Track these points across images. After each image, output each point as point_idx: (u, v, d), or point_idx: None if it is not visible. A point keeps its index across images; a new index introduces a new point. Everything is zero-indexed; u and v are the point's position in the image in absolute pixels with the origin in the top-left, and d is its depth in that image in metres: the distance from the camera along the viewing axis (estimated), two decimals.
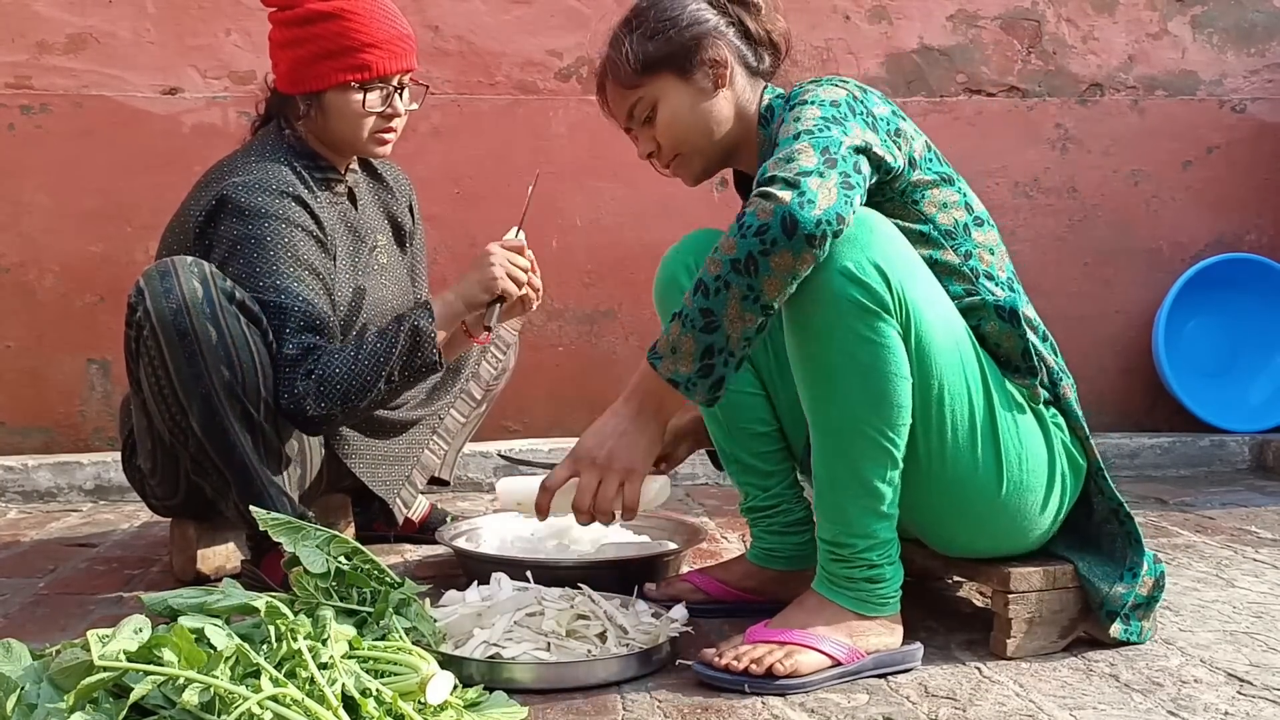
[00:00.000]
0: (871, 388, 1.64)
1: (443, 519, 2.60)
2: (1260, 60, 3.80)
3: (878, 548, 1.71)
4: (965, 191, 1.87)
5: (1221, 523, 2.79)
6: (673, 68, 1.86)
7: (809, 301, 1.64)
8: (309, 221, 2.15)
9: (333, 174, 2.26)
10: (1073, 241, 3.78)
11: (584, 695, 1.64)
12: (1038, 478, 1.76)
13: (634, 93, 1.89)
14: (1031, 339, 1.78)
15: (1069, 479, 1.81)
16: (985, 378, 1.73)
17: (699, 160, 1.91)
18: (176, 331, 2.00)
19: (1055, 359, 1.84)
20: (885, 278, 1.63)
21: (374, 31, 2.17)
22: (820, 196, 1.57)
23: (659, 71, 1.86)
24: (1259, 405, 3.74)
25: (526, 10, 3.58)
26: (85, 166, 3.43)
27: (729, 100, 1.88)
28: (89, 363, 3.43)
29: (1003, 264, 1.85)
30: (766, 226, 1.56)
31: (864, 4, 3.68)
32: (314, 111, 2.20)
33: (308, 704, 1.29)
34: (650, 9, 1.90)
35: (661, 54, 1.86)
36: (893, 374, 1.64)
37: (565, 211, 3.57)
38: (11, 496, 3.17)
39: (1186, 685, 1.67)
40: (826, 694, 1.65)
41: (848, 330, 1.63)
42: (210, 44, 3.47)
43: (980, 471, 1.72)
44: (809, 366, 1.68)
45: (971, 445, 1.71)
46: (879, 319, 1.63)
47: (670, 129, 1.88)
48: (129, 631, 1.32)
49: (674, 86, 1.87)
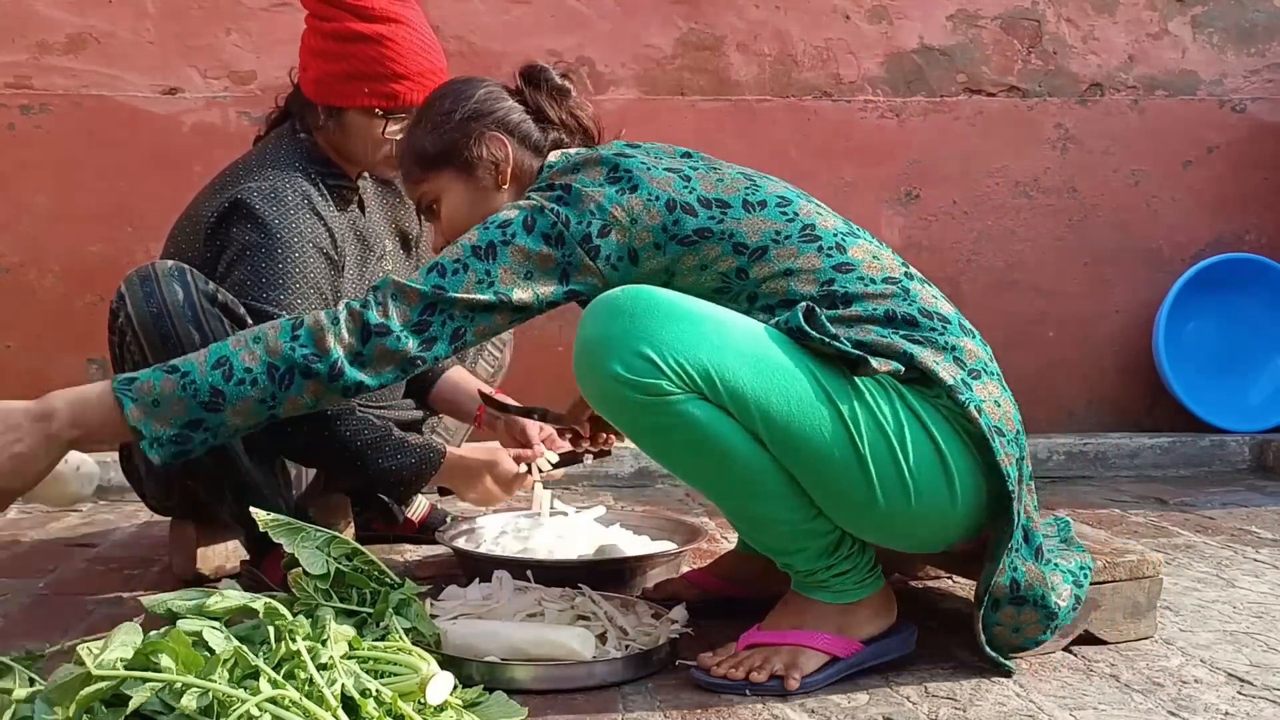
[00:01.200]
0: (711, 456, 1.58)
1: (442, 519, 2.60)
2: (1260, 60, 3.80)
3: (822, 554, 1.66)
4: (732, 231, 1.71)
5: (1222, 523, 2.79)
6: (451, 164, 1.86)
7: (608, 410, 1.62)
8: (323, 238, 2.15)
9: (345, 182, 2.26)
10: (1073, 241, 3.78)
11: (584, 695, 1.64)
12: (927, 480, 1.61)
13: (419, 185, 1.90)
14: (835, 334, 1.62)
15: (960, 451, 1.63)
16: (824, 389, 1.59)
17: None
18: (159, 336, 2.00)
19: (898, 334, 1.67)
20: (652, 361, 1.54)
21: (409, 63, 2.16)
22: (378, 365, 1.67)
23: (439, 168, 1.87)
24: (1259, 405, 3.74)
25: (526, 10, 3.58)
26: (85, 166, 3.43)
27: (512, 191, 1.88)
28: (89, 363, 3.43)
29: (810, 276, 1.69)
30: (319, 357, 1.64)
31: (864, 4, 3.68)
32: (332, 125, 2.19)
33: (306, 705, 1.28)
34: (439, 99, 1.91)
35: (439, 149, 1.86)
36: (720, 434, 1.57)
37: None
38: None
39: (1187, 685, 1.67)
40: (826, 694, 1.65)
41: (654, 426, 1.58)
42: (210, 44, 3.47)
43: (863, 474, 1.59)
44: (670, 466, 1.69)
45: (843, 454, 1.59)
46: (668, 398, 1.55)
47: (452, 222, 1.87)
48: (121, 639, 1.32)
49: (455, 182, 1.87)
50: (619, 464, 3.37)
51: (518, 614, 1.84)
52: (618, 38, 3.64)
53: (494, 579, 1.96)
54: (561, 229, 1.71)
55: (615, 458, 3.37)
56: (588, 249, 1.71)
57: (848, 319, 1.67)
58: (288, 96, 2.29)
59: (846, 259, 1.71)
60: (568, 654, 1.67)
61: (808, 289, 1.69)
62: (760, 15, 3.66)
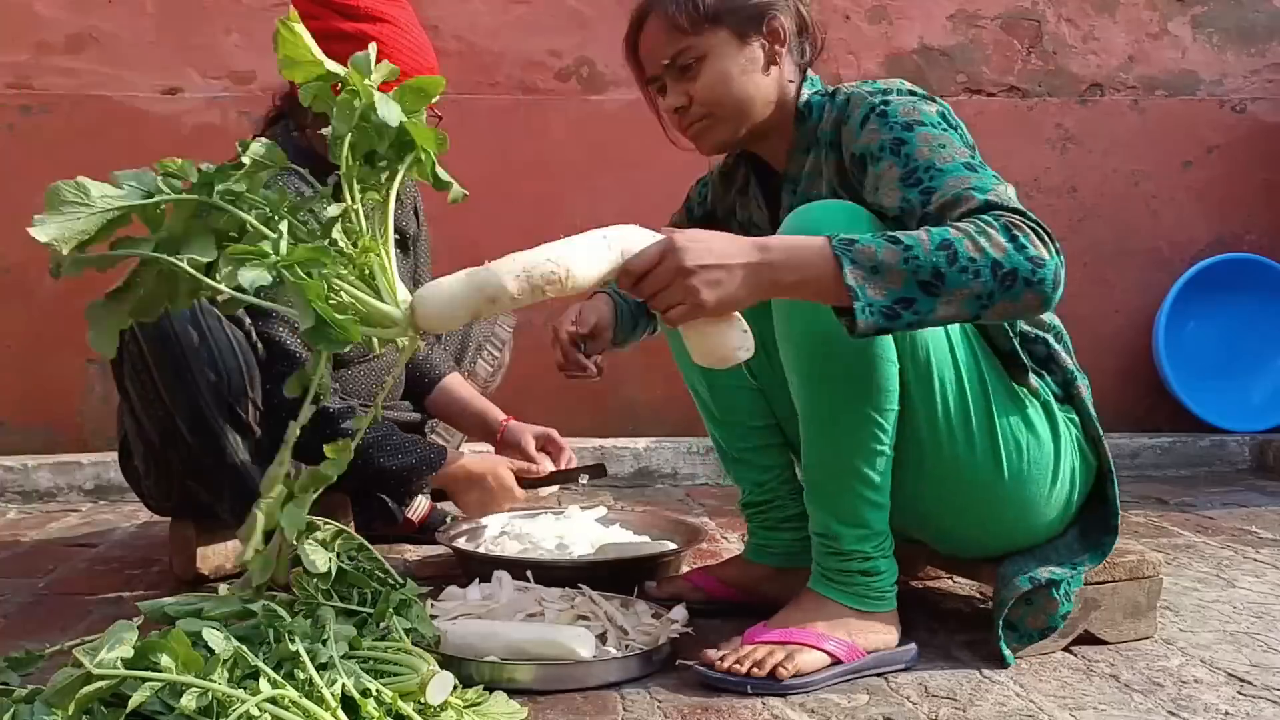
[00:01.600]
0: (856, 369, 1.63)
1: (443, 519, 2.60)
2: (1260, 60, 3.80)
3: (870, 538, 1.71)
4: None
5: (1222, 523, 2.79)
6: (734, 26, 1.77)
7: (798, 348, 1.64)
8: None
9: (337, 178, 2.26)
10: (1073, 241, 3.77)
11: (584, 695, 1.64)
12: (1040, 469, 1.74)
13: (685, 38, 1.77)
14: (1023, 340, 1.78)
15: (1079, 475, 1.79)
16: (979, 366, 1.71)
17: (728, 130, 1.82)
18: (158, 336, 2.00)
19: (1071, 359, 1.83)
20: None
21: (397, 62, 2.15)
22: (1063, 271, 1.56)
23: (720, 25, 1.76)
24: (1259, 405, 3.74)
25: (526, 10, 3.58)
26: (85, 166, 3.41)
27: (775, 80, 1.81)
28: (89, 363, 3.43)
29: None
30: (1042, 263, 1.50)
31: (864, 4, 3.68)
32: (321, 124, 2.19)
33: (306, 705, 1.28)
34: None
35: (727, 8, 1.76)
36: (877, 355, 1.64)
37: (565, 211, 3.57)
38: (11, 496, 3.16)
39: (1187, 685, 1.67)
40: (826, 694, 1.65)
41: (835, 340, 1.60)
42: (210, 44, 3.47)
43: (978, 457, 1.71)
44: (800, 373, 1.68)
45: (966, 430, 1.70)
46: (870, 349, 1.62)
47: (712, 89, 1.78)
48: (117, 638, 1.32)
49: (728, 45, 1.77)
50: (619, 464, 3.37)
51: (518, 614, 1.84)
52: (618, 38, 3.61)
53: (494, 579, 1.96)
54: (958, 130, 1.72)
55: (615, 458, 3.37)
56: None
57: (1040, 324, 1.81)
58: (284, 96, 2.29)
59: None
60: (568, 654, 1.67)
61: None
62: None
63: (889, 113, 1.68)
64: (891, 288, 1.46)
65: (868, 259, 1.46)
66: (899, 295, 1.46)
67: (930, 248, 1.47)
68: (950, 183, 1.60)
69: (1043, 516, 1.78)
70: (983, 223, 1.51)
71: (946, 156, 1.63)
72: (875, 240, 1.48)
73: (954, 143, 1.66)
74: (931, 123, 1.67)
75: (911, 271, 1.46)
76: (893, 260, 1.46)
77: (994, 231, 1.50)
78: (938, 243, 1.47)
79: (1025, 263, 1.49)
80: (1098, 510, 1.83)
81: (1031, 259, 1.50)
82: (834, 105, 1.79)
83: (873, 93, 1.74)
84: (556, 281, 1.46)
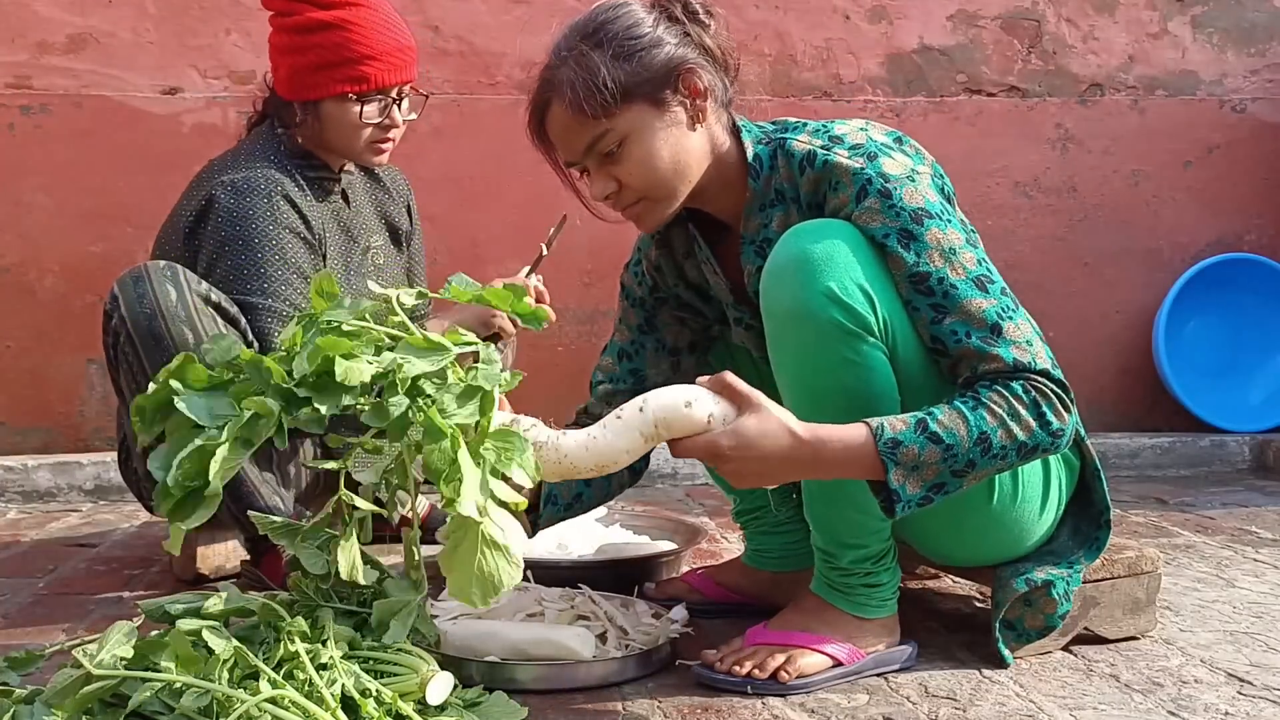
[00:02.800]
0: (855, 410, 1.58)
1: (443, 519, 2.59)
2: (1260, 60, 3.80)
3: (872, 557, 1.71)
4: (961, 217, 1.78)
5: (1222, 523, 2.79)
6: (647, 95, 1.64)
7: (792, 322, 1.59)
8: (296, 222, 2.15)
9: (326, 173, 2.26)
10: (1073, 241, 3.78)
11: (584, 695, 1.64)
12: (1032, 489, 1.72)
13: (599, 124, 1.63)
14: None
15: (1064, 481, 1.78)
16: None
17: (667, 206, 1.71)
18: (152, 337, 2.00)
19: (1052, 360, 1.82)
20: (870, 299, 1.58)
21: (374, 43, 2.16)
22: (1076, 423, 1.60)
23: (631, 100, 1.63)
24: (1259, 405, 3.74)
25: (526, 10, 3.57)
26: (85, 166, 3.42)
27: (704, 135, 1.70)
28: (89, 363, 3.43)
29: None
30: (1061, 433, 1.57)
31: (864, 4, 3.68)
32: (310, 119, 2.19)
33: (306, 705, 1.28)
34: (615, 22, 1.66)
35: (637, 80, 1.63)
36: (876, 395, 1.60)
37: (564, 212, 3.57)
38: (11, 496, 3.16)
39: (1187, 685, 1.67)
40: (826, 694, 1.65)
41: (831, 353, 1.58)
42: (210, 44, 3.47)
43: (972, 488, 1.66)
44: (794, 388, 1.64)
45: None
46: (862, 341, 1.58)
47: (641, 171, 1.66)
48: (117, 638, 1.32)
49: (646, 117, 1.64)
50: None
51: (518, 614, 1.84)
52: None
53: None
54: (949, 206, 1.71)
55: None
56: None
57: None
58: (265, 100, 2.30)
59: None
60: (568, 654, 1.67)
61: None
62: (760, 15, 3.66)
63: (893, 195, 1.61)
64: (928, 479, 1.54)
65: (910, 460, 1.52)
66: (933, 483, 1.54)
67: (969, 444, 1.53)
68: (965, 307, 1.59)
69: (1034, 532, 1.77)
70: (1014, 399, 1.55)
71: (957, 268, 1.60)
72: (918, 439, 1.52)
73: (960, 243, 1.62)
74: (936, 212, 1.62)
75: (948, 465, 1.54)
76: (933, 459, 1.53)
77: (1024, 411, 1.55)
78: (975, 437, 1.53)
79: (1047, 438, 1.57)
80: (1088, 507, 1.82)
81: (1053, 433, 1.57)
82: (792, 158, 1.69)
83: (857, 155, 1.65)
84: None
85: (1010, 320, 1.60)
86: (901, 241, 1.60)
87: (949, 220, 1.64)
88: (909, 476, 1.52)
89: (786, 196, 1.72)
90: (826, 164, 1.66)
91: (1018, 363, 1.57)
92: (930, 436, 1.52)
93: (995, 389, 1.56)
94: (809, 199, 1.70)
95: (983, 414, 1.54)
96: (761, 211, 1.74)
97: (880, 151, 1.66)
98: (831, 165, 1.65)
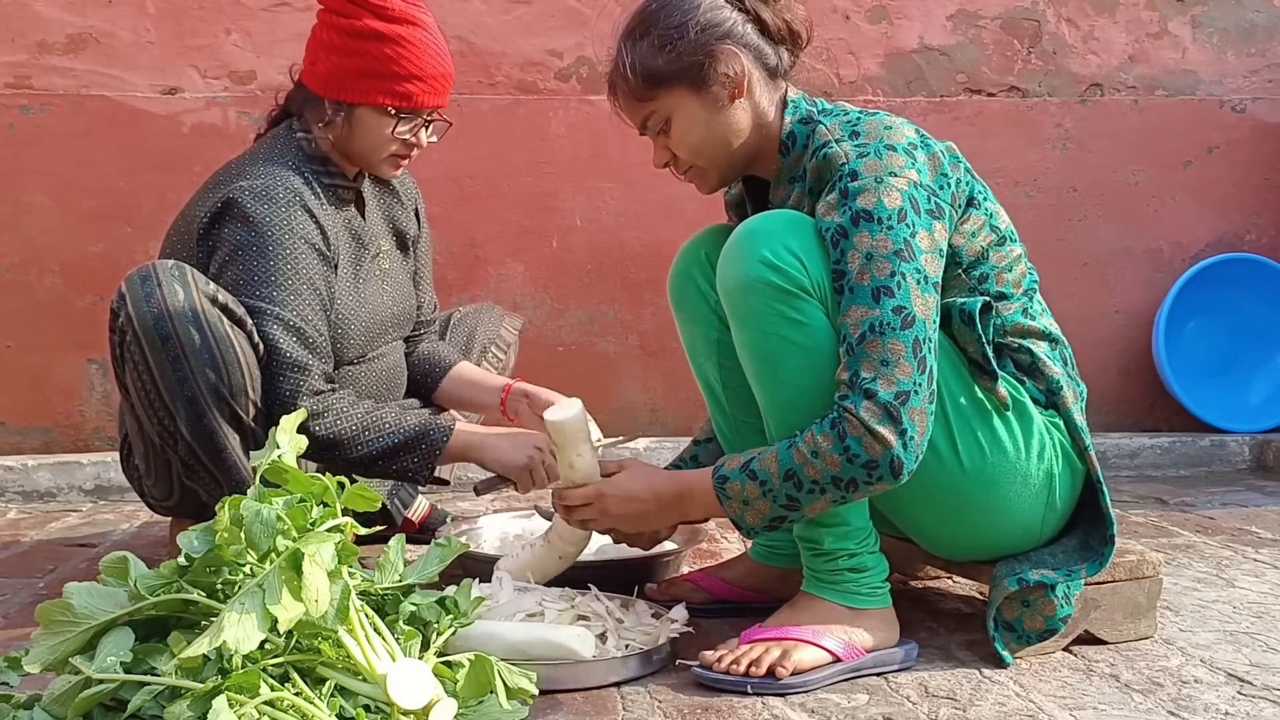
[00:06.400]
0: (811, 363, 1.67)
1: (443, 519, 2.60)
2: (1260, 60, 3.80)
3: (851, 535, 1.73)
4: (991, 211, 1.85)
5: (1222, 523, 2.79)
6: (685, 82, 1.79)
7: (739, 293, 1.69)
8: (314, 234, 2.15)
9: (341, 180, 2.25)
10: (1073, 241, 3.78)
11: (584, 695, 1.64)
12: (1005, 472, 1.72)
13: (645, 105, 1.82)
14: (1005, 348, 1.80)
15: (1062, 480, 1.78)
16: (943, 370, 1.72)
17: (715, 173, 1.87)
18: (159, 336, 2.00)
19: (1062, 369, 1.82)
20: (802, 263, 1.66)
21: (424, 65, 2.17)
22: (918, 430, 1.62)
23: (670, 86, 1.79)
24: (1259, 405, 3.74)
25: (526, 10, 3.57)
26: (85, 166, 3.42)
27: (746, 110, 1.82)
28: (89, 363, 3.43)
29: (1019, 279, 1.84)
30: (875, 464, 1.61)
31: (864, 4, 3.68)
32: (340, 120, 2.19)
33: (304, 706, 1.28)
34: (658, 13, 1.80)
35: (671, 69, 1.78)
36: (827, 352, 1.67)
37: (565, 211, 3.57)
38: (11, 496, 3.17)
39: (1187, 685, 1.67)
40: (826, 694, 1.65)
41: (772, 312, 1.67)
42: (210, 44, 3.47)
43: (943, 459, 1.70)
44: (753, 359, 1.72)
45: None
46: (800, 299, 1.67)
47: (684, 143, 1.83)
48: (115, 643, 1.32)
49: (687, 100, 1.80)
50: None
51: (518, 614, 1.84)
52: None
53: (494, 579, 1.96)
54: (940, 206, 1.73)
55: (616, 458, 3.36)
56: (957, 211, 1.79)
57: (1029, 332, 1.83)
58: (288, 94, 2.29)
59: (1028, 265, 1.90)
60: (568, 654, 1.67)
61: (1016, 293, 1.84)
62: None
63: (850, 192, 1.68)
64: (764, 513, 1.69)
65: (738, 495, 1.70)
66: (772, 516, 1.69)
67: (779, 481, 1.66)
68: (851, 312, 1.65)
69: (1018, 519, 1.77)
70: (820, 436, 1.64)
71: (866, 273, 1.65)
72: (741, 476, 1.69)
73: (881, 254, 1.64)
74: (882, 217, 1.65)
75: (770, 499, 1.67)
76: (755, 494, 1.68)
77: (827, 447, 1.63)
78: (783, 473, 1.66)
79: (860, 470, 1.62)
80: (1097, 521, 1.82)
81: (865, 465, 1.62)
82: (814, 143, 1.78)
83: (849, 150, 1.72)
84: None
85: (880, 336, 1.62)
86: (835, 237, 1.68)
87: (895, 228, 1.65)
88: (744, 509, 1.70)
89: (799, 178, 1.83)
90: (826, 156, 1.75)
91: (855, 378, 1.63)
92: (749, 474, 1.69)
93: (813, 424, 1.66)
94: (813, 185, 1.79)
95: (791, 452, 1.65)
96: (789, 184, 1.85)
97: (872, 152, 1.71)
98: (829, 158, 1.75)
